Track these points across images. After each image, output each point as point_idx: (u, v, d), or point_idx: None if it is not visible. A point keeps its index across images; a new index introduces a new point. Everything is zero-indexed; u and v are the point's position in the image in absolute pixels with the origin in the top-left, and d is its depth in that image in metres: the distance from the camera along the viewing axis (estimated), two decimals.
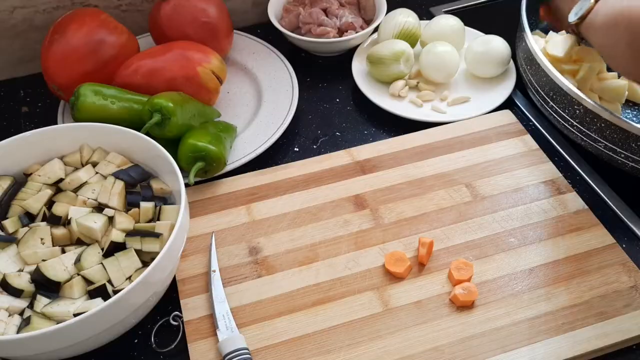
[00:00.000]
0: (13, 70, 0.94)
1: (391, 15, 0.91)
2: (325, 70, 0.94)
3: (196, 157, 0.72)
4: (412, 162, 0.78)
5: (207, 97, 0.82)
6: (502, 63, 0.87)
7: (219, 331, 0.61)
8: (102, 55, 0.79)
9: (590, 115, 0.72)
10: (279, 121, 0.82)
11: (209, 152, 0.72)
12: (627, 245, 0.69)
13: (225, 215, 0.72)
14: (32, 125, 0.87)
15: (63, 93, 0.80)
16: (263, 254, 0.68)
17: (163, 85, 0.78)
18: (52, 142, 0.69)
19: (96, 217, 0.62)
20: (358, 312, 0.63)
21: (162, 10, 0.85)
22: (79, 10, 0.81)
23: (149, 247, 0.60)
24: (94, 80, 0.77)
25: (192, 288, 0.65)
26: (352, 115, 0.87)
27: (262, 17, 0.98)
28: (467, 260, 0.66)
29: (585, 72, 0.79)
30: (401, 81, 0.87)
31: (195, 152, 0.72)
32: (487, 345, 0.60)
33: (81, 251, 0.61)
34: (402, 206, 0.73)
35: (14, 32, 0.91)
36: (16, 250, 0.61)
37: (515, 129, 0.81)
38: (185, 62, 0.80)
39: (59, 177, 0.67)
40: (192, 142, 0.72)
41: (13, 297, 0.58)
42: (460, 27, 0.90)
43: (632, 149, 0.69)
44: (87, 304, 0.57)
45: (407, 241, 0.69)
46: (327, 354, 0.60)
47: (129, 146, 0.69)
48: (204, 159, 0.72)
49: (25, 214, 0.64)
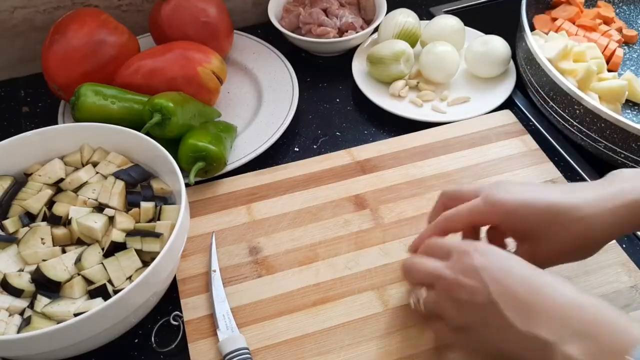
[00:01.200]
0: (13, 70, 0.94)
1: (391, 15, 0.91)
2: (325, 70, 0.94)
3: (196, 157, 0.72)
4: (412, 162, 0.78)
5: (208, 97, 0.82)
6: (502, 63, 0.87)
7: (219, 331, 0.61)
8: (102, 55, 0.79)
9: (590, 115, 0.72)
10: (279, 121, 0.82)
11: (209, 152, 0.72)
12: (627, 245, 0.69)
13: (225, 215, 0.72)
14: (33, 125, 0.87)
15: (64, 93, 0.80)
16: (263, 253, 0.68)
17: (163, 85, 0.78)
18: (53, 142, 0.69)
19: (96, 217, 0.62)
20: (358, 312, 0.63)
21: (162, 10, 0.85)
22: (79, 11, 0.81)
23: (150, 247, 0.60)
24: (95, 80, 0.77)
25: (192, 288, 0.65)
26: (352, 115, 0.87)
27: (262, 17, 0.98)
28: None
29: (585, 72, 0.79)
30: (401, 81, 0.87)
31: (196, 152, 0.72)
32: None
33: (81, 251, 0.61)
34: (402, 206, 0.73)
35: (15, 32, 0.91)
36: (16, 250, 0.61)
37: (515, 129, 0.81)
38: (185, 62, 0.80)
39: (59, 177, 0.67)
40: (192, 142, 0.72)
41: (13, 297, 0.58)
42: (460, 27, 0.90)
43: (632, 149, 0.69)
44: (87, 304, 0.57)
45: (407, 241, 0.69)
46: (327, 354, 0.60)
47: (130, 146, 0.69)
48: (204, 159, 0.72)
49: (26, 214, 0.64)
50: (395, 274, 0.66)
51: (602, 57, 0.84)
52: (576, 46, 0.84)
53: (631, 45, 0.94)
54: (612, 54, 0.89)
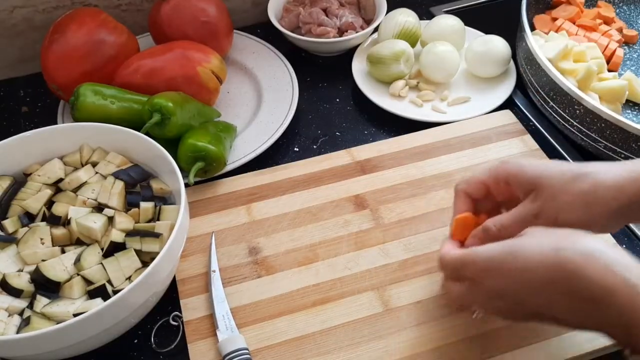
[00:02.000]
0: (13, 70, 0.94)
1: (391, 15, 0.91)
2: (325, 70, 0.94)
3: (196, 157, 0.72)
4: (412, 162, 0.78)
5: (207, 97, 0.82)
6: (502, 63, 0.87)
7: (218, 331, 0.61)
8: (102, 55, 0.79)
9: (590, 115, 0.72)
10: (279, 121, 0.82)
11: (208, 152, 0.72)
12: (627, 246, 0.69)
13: (225, 215, 0.72)
14: (32, 125, 0.86)
15: (63, 93, 0.80)
16: (263, 254, 0.68)
17: (163, 84, 0.78)
18: (52, 142, 0.69)
19: (96, 217, 0.62)
20: (358, 312, 0.63)
21: (162, 9, 0.85)
22: (79, 10, 0.81)
23: (149, 247, 0.60)
24: (94, 80, 0.77)
25: (192, 288, 0.65)
26: (352, 115, 0.87)
27: (262, 17, 0.98)
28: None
29: (585, 72, 0.79)
30: (401, 81, 0.87)
31: (195, 152, 0.72)
32: (487, 345, 0.60)
33: (81, 251, 0.61)
34: (402, 206, 0.73)
35: (14, 31, 0.91)
36: (16, 250, 0.61)
37: (515, 129, 0.81)
38: (185, 61, 0.79)
39: (58, 177, 0.67)
40: (191, 142, 0.72)
41: (13, 297, 0.58)
42: (461, 27, 0.90)
43: (632, 149, 0.69)
44: (87, 304, 0.57)
45: (408, 241, 0.69)
46: (327, 354, 0.60)
47: (129, 146, 0.69)
48: (203, 159, 0.72)
49: (25, 214, 0.64)
50: (395, 274, 0.66)
51: (602, 57, 0.84)
52: (576, 46, 0.84)
53: (631, 45, 0.94)
54: (612, 54, 0.89)
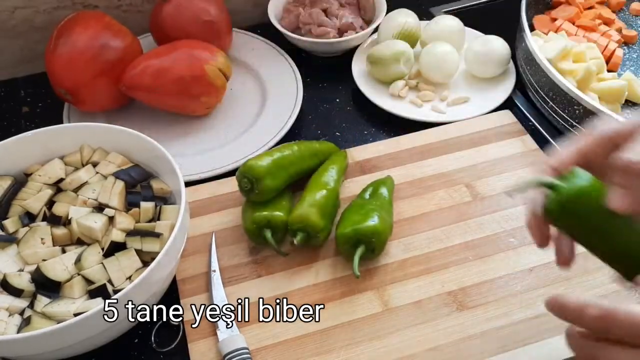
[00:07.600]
0: (14, 70, 0.95)
1: (391, 15, 0.91)
2: (325, 70, 0.94)
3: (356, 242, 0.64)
4: (412, 162, 0.78)
5: (215, 95, 0.83)
6: (501, 63, 0.87)
7: (219, 331, 0.61)
8: (108, 57, 0.79)
9: (590, 115, 0.72)
10: (281, 123, 0.82)
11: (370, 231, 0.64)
12: None
13: (225, 215, 0.72)
14: (33, 125, 0.87)
15: (72, 97, 0.80)
16: (263, 253, 0.68)
17: (171, 84, 0.79)
18: (53, 142, 0.69)
19: (96, 217, 0.62)
20: (358, 312, 0.63)
21: (163, 10, 0.85)
22: (82, 14, 0.81)
23: (149, 247, 0.60)
24: (101, 83, 0.78)
25: (192, 288, 0.65)
26: (352, 115, 0.87)
27: (262, 18, 0.98)
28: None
29: (584, 72, 0.79)
30: (401, 81, 0.87)
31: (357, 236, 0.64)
32: (487, 345, 0.60)
33: (81, 251, 0.61)
34: (402, 206, 0.73)
35: (15, 32, 0.91)
36: (16, 250, 0.61)
37: (514, 129, 0.81)
38: (192, 60, 0.80)
39: (59, 177, 0.67)
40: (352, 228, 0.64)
41: (13, 296, 0.58)
42: (460, 27, 0.90)
43: None
44: (87, 304, 0.57)
45: (407, 241, 0.69)
46: (327, 353, 0.60)
47: (130, 146, 0.69)
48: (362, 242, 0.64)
49: (26, 214, 0.64)
50: (394, 274, 0.66)
51: (601, 58, 0.84)
52: (576, 46, 0.84)
53: (631, 45, 0.94)
54: (611, 54, 0.89)
